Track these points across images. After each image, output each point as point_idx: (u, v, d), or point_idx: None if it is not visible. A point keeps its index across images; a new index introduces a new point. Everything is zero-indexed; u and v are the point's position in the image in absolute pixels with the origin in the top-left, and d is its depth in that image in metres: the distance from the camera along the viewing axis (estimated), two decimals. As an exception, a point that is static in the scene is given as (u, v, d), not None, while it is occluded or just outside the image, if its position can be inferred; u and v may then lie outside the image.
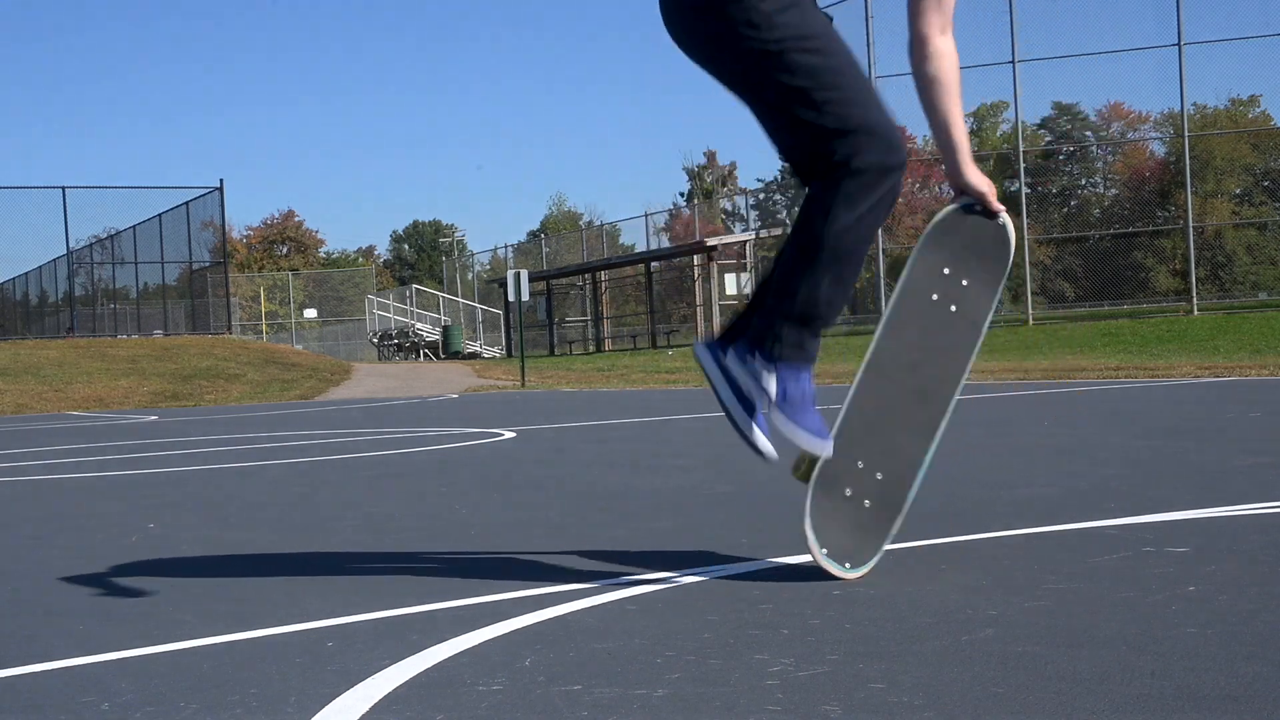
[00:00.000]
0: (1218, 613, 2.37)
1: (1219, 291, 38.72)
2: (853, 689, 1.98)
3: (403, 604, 2.83)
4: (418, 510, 4.74)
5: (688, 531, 3.81)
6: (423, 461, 7.19)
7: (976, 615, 2.44)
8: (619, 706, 1.95)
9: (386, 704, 2.03)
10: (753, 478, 5.30)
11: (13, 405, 21.15)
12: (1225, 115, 49.18)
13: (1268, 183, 49.74)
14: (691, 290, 34.69)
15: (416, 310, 44.70)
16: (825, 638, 2.32)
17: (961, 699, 1.89)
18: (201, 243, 33.19)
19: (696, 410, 11.42)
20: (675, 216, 53.04)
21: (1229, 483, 4.31)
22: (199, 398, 21.91)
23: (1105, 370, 15.13)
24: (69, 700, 2.16)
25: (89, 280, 36.26)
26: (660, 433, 8.69)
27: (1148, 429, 7.04)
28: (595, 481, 5.52)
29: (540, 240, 50.50)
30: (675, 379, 20.02)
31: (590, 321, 38.65)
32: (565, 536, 3.84)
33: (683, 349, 29.93)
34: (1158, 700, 1.83)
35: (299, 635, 2.58)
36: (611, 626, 2.50)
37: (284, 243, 78.10)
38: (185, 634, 2.63)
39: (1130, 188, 44.78)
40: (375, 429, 11.02)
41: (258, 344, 34.08)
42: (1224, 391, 10.51)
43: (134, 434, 12.08)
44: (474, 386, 22.29)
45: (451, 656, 2.31)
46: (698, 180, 70.18)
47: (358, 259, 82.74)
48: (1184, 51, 24.35)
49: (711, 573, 3.04)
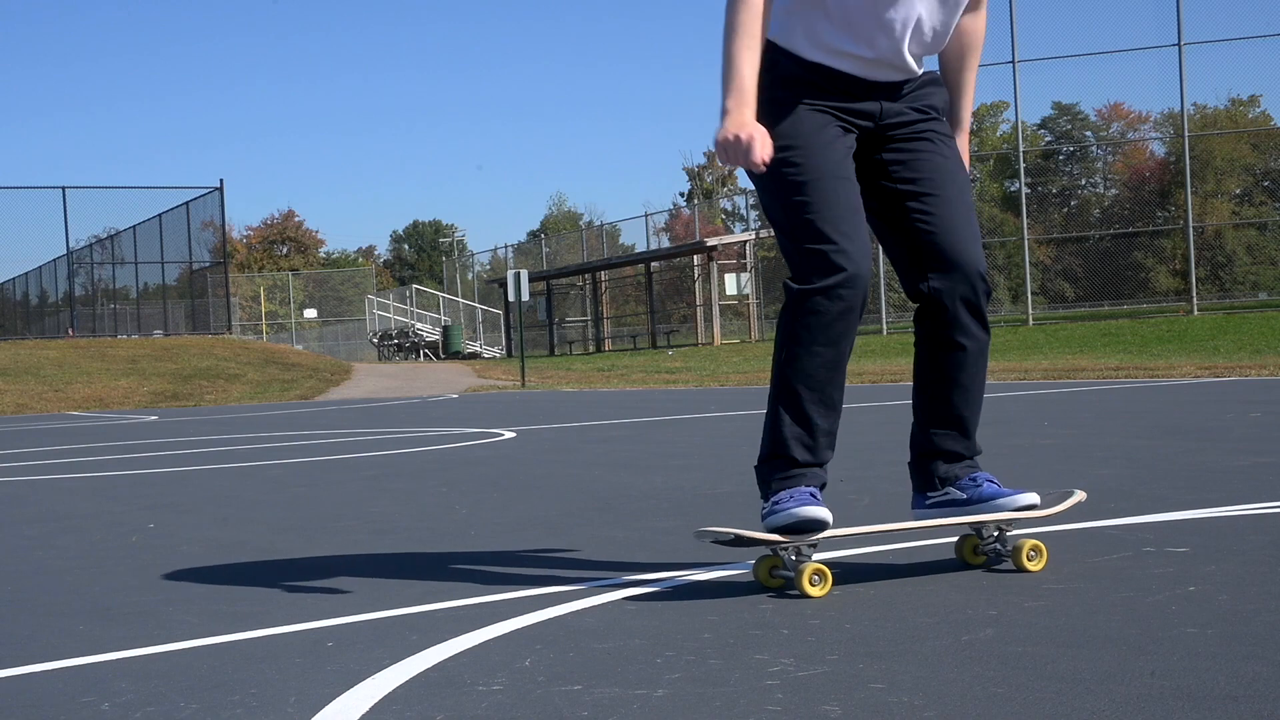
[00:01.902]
0: (1218, 613, 2.37)
1: (1219, 291, 38.73)
2: (853, 689, 1.98)
3: (403, 604, 2.83)
4: (418, 510, 4.74)
5: (688, 531, 3.81)
6: (423, 461, 7.19)
7: (976, 615, 2.44)
8: (619, 706, 1.95)
9: (386, 704, 2.03)
10: (752, 478, 5.30)
11: (13, 405, 21.15)
12: (1225, 115, 49.20)
13: (1268, 183, 49.75)
14: (691, 290, 34.67)
15: (416, 310, 44.70)
16: (825, 638, 2.32)
17: (961, 699, 1.89)
18: (201, 243, 33.20)
19: (696, 410, 11.42)
20: (675, 216, 53.09)
21: (1229, 483, 4.31)
22: (199, 398, 21.91)
23: (1105, 370, 15.13)
24: (69, 700, 2.16)
25: (89, 280, 36.25)
26: (660, 433, 8.69)
27: (1148, 429, 7.04)
28: (595, 481, 5.52)
29: (540, 240, 50.49)
30: (675, 379, 20.02)
31: (590, 321, 38.64)
32: (565, 536, 3.84)
33: (682, 349, 29.94)
34: (1158, 700, 1.83)
35: (299, 635, 2.58)
36: (611, 626, 2.50)
37: (284, 243, 78.11)
38: (185, 634, 2.63)
39: (1130, 188, 44.83)
40: (375, 429, 11.01)
41: (258, 344, 34.07)
42: (1224, 391, 10.51)
43: (134, 434, 12.08)
44: (474, 387, 22.28)
45: (451, 656, 2.31)
46: (698, 180, 70.19)
47: (358, 259, 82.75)
48: (1184, 51, 24.36)
49: (711, 573, 3.04)
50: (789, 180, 2.77)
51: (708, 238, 33.41)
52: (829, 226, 2.73)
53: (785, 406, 2.80)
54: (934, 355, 2.91)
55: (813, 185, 2.76)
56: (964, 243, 2.85)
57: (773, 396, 2.84)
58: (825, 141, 2.79)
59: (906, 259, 2.89)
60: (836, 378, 2.80)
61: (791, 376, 2.79)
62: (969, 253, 2.85)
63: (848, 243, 2.73)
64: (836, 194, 2.76)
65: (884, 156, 2.88)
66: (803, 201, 2.75)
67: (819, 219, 2.74)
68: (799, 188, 2.76)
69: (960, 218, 2.87)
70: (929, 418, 2.95)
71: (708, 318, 32.04)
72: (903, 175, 2.88)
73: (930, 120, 2.91)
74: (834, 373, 2.79)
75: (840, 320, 2.74)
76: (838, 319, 2.74)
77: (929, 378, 2.93)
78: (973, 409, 2.94)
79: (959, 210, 2.87)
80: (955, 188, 2.88)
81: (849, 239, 2.73)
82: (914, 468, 2.99)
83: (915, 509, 2.99)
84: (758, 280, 32.68)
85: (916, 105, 2.89)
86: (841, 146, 2.82)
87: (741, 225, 51.67)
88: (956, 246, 2.84)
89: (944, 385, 2.91)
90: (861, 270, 2.74)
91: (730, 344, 29.99)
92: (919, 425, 2.98)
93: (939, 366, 2.91)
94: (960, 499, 2.91)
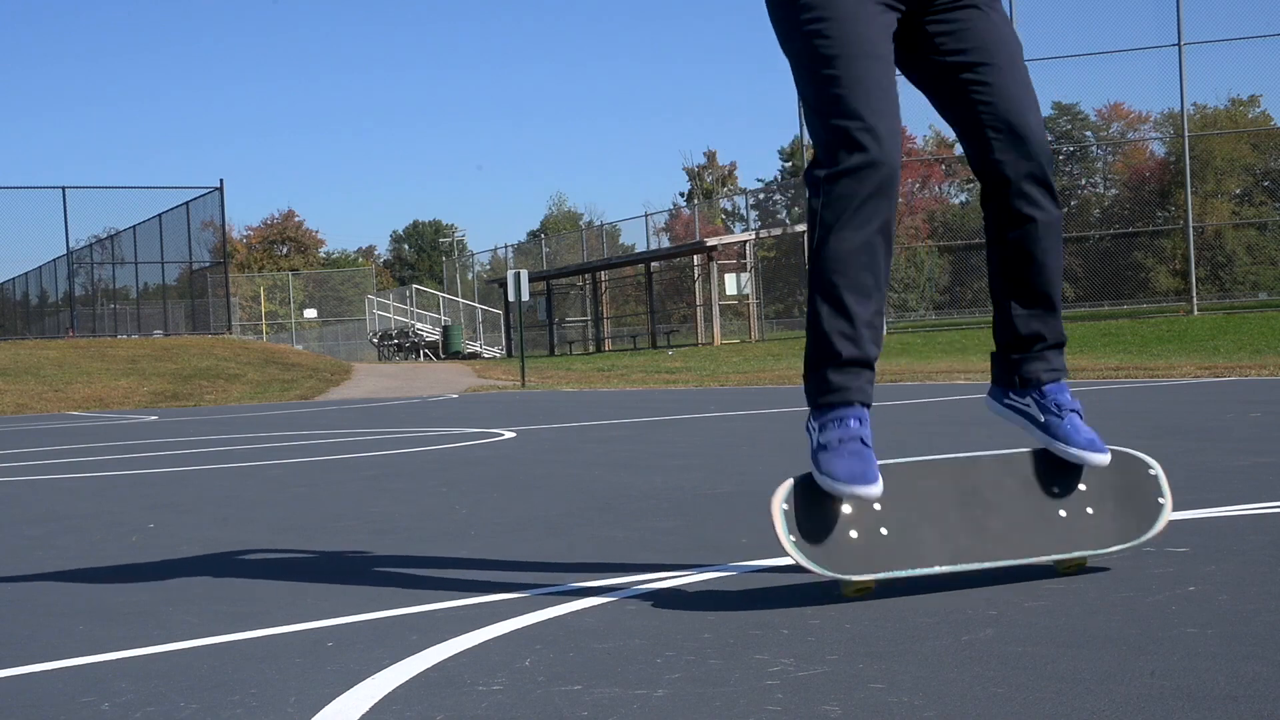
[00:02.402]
0: (1218, 613, 2.37)
1: (1219, 291, 38.73)
2: (853, 689, 1.97)
3: (403, 604, 2.83)
4: (418, 510, 4.74)
5: (688, 531, 3.81)
6: (423, 461, 7.19)
7: (976, 615, 2.44)
8: (619, 706, 1.94)
9: (386, 704, 2.03)
10: (753, 477, 5.30)
11: (13, 405, 21.15)
12: (1225, 115, 49.18)
13: (1268, 183, 49.73)
14: (691, 290, 34.66)
15: (416, 310, 44.70)
16: (825, 638, 2.32)
17: (961, 699, 1.89)
18: (201, 243, 33.21)
19: (696, 410, 11.42)
20: (675, 216, 53.06)
21: (1229, 483, 4.31)
22: (199, 398, 21.91)
23: (1105, 370, 15.12)
24: (69, 700, 2.16)
25: (89, 280, 36.27)
26: (660, 433, 8.69)
27: (1148, 429, 7.04)
28: (595, 481, 5.52)
29: (540, 240, 50.48)
30: (675, 379, 20.01)
31: (590, 321, 38.63)
32: (565, 536, 3.84)
33: (682, 349, 29.93)
34: (1158, 700, 1.83)
35: (299, 635, 2.57)
36: (611, 626, 2.50)
37: (284, 243, 78.12)
38: (185, 634, 2.63)
39: (1130, 188, 44.80)
40: (375, 429, 11.01)
41: (258, 344, 34.07)
42: (1224, 391, 10.51)
43: (134, 434, 12.08)
44: (474, 386, 22.28)
45: (451, 656, 2.31)
46: (698, 180, 70.22)
47: (358, 259, 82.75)
48: (1184, 51, 24.36)
49: (711, 573, 3.04)
50: (820, 53, 2.66)
51: (708, 238, 33.41)
52: (859, 103, 2.62)
53: (823, 297, 2.68)
54: (1005, 233, 2.79)
55: (843, 59, 2.64)
56: (1023, 112, 2.73)
57: (810, 293, 2.73)
58: (864, 16, 2.67)
59: (966, 134, 2.77)
60: (872, 262, 2.67)
61: (824, 265, 2.67)
62: (1029, 122, 2.73)
63: (877, 120, 2.61)
64: (869, 71, 2.64)
65: (929, 29, 2.76)
66: (832, 75, 2.64)
67: (849, 94, 2.62)
68: (829, 61, 2.65)
69: (1016, 85, 2.74)
70: (1007, 298, 2.83)
71: (708, 318, 32.03)
72: (951, 46, 2.75)
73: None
74: (869, 257, 2.66)
75: (870, 202, 2.62)
76: (866, 201, 2.62)
77: (1003, 257, 2.82)
78: (1051, 285, 2.81)
79: (1014, 77, 2.75)
80: (1007, 54, 2.76)
81: (878, 117, 2.62)
82: (996, 359, 2.89)
83: (992, 399, 2.91)
84: (758, 280, 32.68)
85: None
86: (879, 23, 2.69)
87: (741, 225, 51.68)
88: (1015, 116, 2.72)
89: (1019, 263, 2.79)
90: (889, 152, 2.62)
91: (730, 344, 29.98)
92: (999, 310, 2.86)
93: (1012, 244, 2.79)
94: (1037, 419, 2.81)
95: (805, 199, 2.79)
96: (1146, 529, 2.79)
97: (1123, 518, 2.79)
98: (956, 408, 9.96)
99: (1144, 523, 2.80)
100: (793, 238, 33.76)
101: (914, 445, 6.26)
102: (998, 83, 2.73)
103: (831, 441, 2.64)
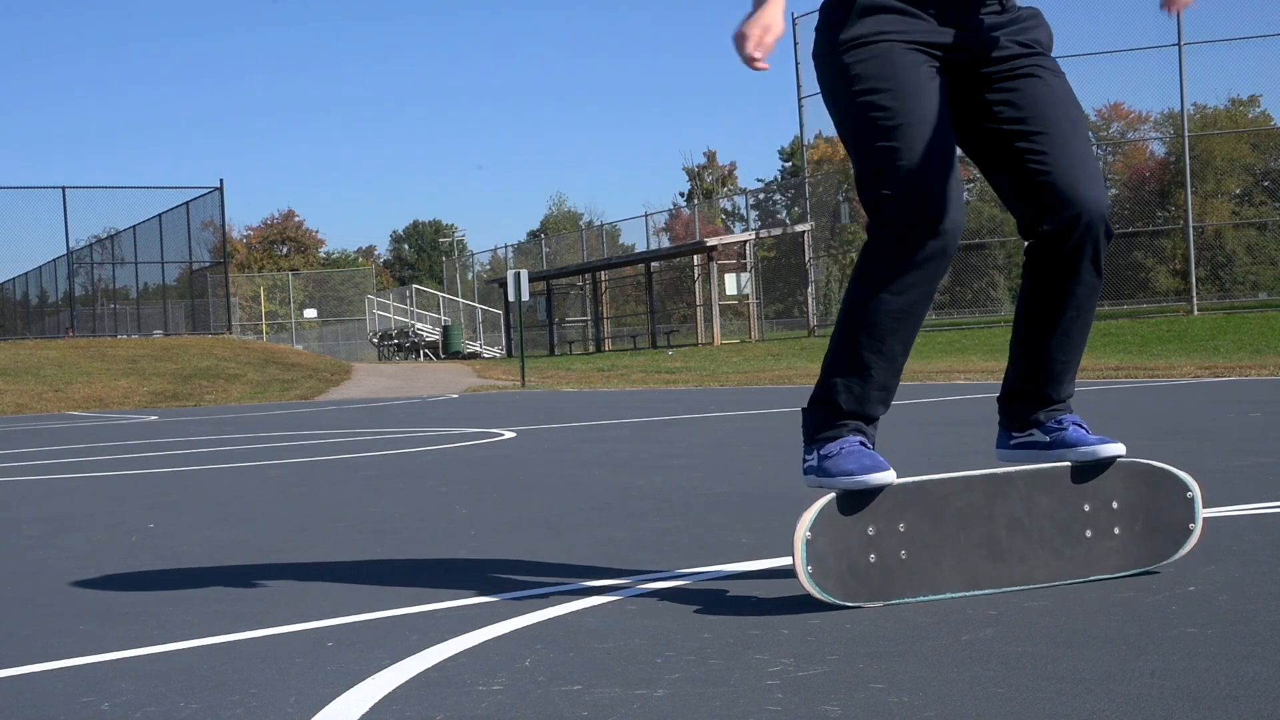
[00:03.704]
0: (1218, 613, 2.37)
1: (1219, 291, 38.71)
2: (853, 689, 1.98)
3: (403, 604, 2.83)
4: (417, 510, 4.74)
5: (688, 531, 3.81)
6: (423, 461, 7.19)
7: (976, 615, 2.44)
8: (619, 706, 1.94)
9: (386, 704, 2.03)
10: (753, 477, 5.30)
11: (13, 405, 21.15)
12: (1225, 115, 49.17)
13: (1268, 183, 49.74)
14: (691, 290, 34.65)
15: (416, 310, 44.70)
16: (825, 638, 2.32)
17: (961, 699, 1.89)
18: (201, 243, 33.21)
19: (696, 410, 11.42)
20: (675, 216, 53.04)
21: (1229, 483, 4.31)
22: (199, 398, 21.91)
23: (1105, 370, 15.12)
24: (69, 700, 2.16)
25: (89, 280, 36.25)
26: (660, 433, 8.69)
27: (1148, 429, 7.04)
28: (595, 481, 5.52)
29: (540, 240, 50.47)
30: (675, 379, 20.02)
31: (590, 321, 38.63)
32: (565, 536, 3.84)
33: (682, 349, 29.94)
34: (1158, 700, 1.83)
35: (299, 635, 2.57)
36: (611, 626, 2.50)
37: (284, 243, 78.11)
38: (185, 634, 2.63)
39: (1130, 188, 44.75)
40: (375, 429, 11.01)
41: (258, 344, 34.07)
42: (1224, 391, 10.51)
43: (134, 434, 12.08)
44: (474, 386, 22.28)
45: (451, 656, 2.31)
46: (698, 180, 70.22)
47: (358, 259, 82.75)
48: (1184, 51, 24.37)
49: (711, 573, 3.04)
50: (879, 125, 2.61)
51: (708, 238, 33.40)
52: (919, 173, 2.58)
53: (843, 347, 2.68)
54: (1041, 297, 2.75)
55: (903, 130, 2.60)
56: (1082, 182, 2.65)
57: (836, 328, 2.72)
58: (919, 83, 2.63)
59: (1018, 198, 2.71)
60: (904, 329, 2.65)
61: (854, 319, 2.66)
62: (1089, 193, 2.66)
63: (937, 189, 2.58)
64: (928, 139, 2.60)
65: (987, 98, 2.70)
66: (892, 148, 2.59)
67: (908, 164, 2.58)
68: (888, 133, 2.60)
69: (1076, 154, 2.66)
70: (1025, 358, 2.81)
71: (708, 318, 32.03)
72: (1008, 115, 2.68)
73: (1035, 55, 2.71)
74: (899, 324, 2.64)
75: (916, 270, 2.60)
76: (913, 268, 2.60)
77: (1033, 318, 2.78)
78: (1073, 355, 2.79)
79: (1074, 146, 2.67)
80: (1068, 122, 2.68)
81: (938, 184, 2.58)
82: (1003, 404, 2.88)
83: (1000, 448, 2.90)
84: (758, 280, 32.68)
85: (1019, 39, 2.71)
86: (936, 90, 2.65)
87: (741, 225, 51.67)
88: (1074, 187, 2.65)
89: (1046, 329, 2.76)
90: (948, 219, 2.58)
91: (730, 344, 29.99)
92: (1014, 363, 2.85)
93: (1044, 308, 2.75)
94: (1043, 441, 2.79)
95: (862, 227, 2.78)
96: (1170, 553, 2.76)
97: (1149, 540, 2.74)
98: (956, 408, 9.96)
99: (1169, 547, 2.76)
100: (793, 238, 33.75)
101: (914, 445, 6.26)
102: (1055, 152, 2.66)
103: (833, 451, 2.64)
